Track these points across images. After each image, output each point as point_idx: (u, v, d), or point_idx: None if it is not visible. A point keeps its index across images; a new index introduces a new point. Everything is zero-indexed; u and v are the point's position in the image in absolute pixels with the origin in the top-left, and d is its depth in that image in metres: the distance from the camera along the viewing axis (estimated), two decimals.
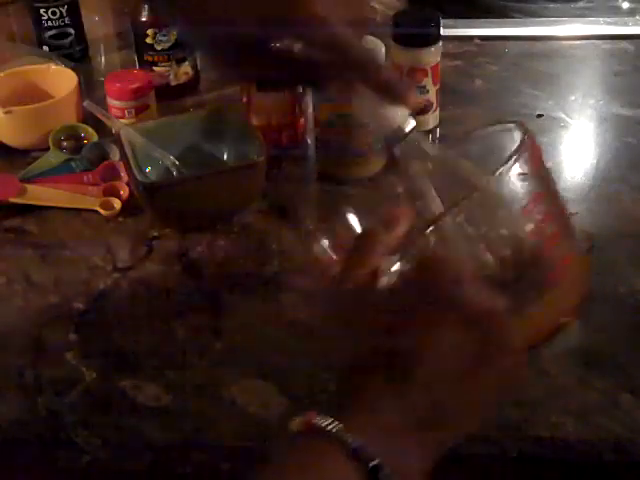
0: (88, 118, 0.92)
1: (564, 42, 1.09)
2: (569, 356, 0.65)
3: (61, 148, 0.89)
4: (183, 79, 1.01)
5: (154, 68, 0.99)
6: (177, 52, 0.98)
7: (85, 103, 0.89)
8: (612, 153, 0.90)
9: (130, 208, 0.81)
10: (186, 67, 1.00)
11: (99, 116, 0.87)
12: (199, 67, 1.02)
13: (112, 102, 0.90)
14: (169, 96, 1.01)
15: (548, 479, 0.60)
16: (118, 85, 0.91)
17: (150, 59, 0.98)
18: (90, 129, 0.90)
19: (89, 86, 1.09)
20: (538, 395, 0.62)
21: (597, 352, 0.65)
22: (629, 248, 0.76)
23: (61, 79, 0.95)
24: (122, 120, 0.89)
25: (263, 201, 0.82)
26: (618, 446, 0.58)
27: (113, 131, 0.85)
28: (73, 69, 0.97)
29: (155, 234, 0.79)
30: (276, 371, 0.64)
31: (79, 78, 0.94)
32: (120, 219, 0.81)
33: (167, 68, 0.99)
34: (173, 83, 1.00)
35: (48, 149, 0.88)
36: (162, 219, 0.79)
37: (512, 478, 0.60)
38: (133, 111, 0.90)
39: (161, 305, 0.71)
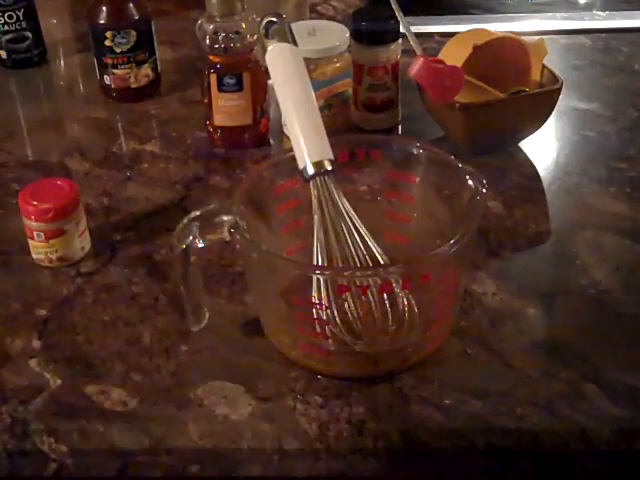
0: None
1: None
2: (533, 348, 0.66)
3: None
4: (144, 81, 1.00)
5: (114, 71, 0.98)
6: (137, 54, 0.98)
7: None
8: (571, 146, 0.91)
9: (93, 212, 0.81)
10: (146, 69, 0.99)
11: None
12: (159, 69, 1.01)
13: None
14: (130, 98, 1.00)
15: (516, 471, 0.60)
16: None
17: (109, 61, 0.98)
18: None
19: (48, 90, 1.09)
20: (503, 387, 0.62)
21: (561, 343, 0.66)
22: (590, 240, 0.77)
23: None
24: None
25: None
26: (583, 436, 0.59)
27: None
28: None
29: (118, 238, 0.78)
30: (243, 372, 0.64)
31: (38, 82, 0.93)
32: None
33: (127, 70, 0.98)
34: (133, 85, 0.99)
35: None
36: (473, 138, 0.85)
37: (481, 471, 0.60)
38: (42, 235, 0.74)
39: (126, 309, 0.70)
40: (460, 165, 0.65)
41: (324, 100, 0.87)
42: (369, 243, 0.64)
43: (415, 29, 0.85)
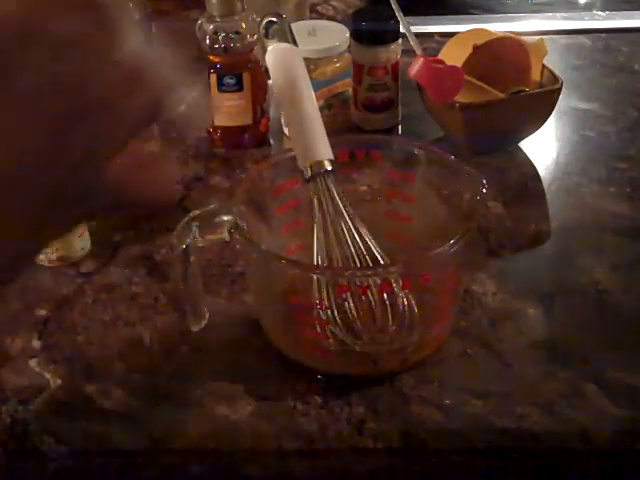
0: None
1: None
2: (533, 348, 0.66)
3: None
4: None
5: None
6: None
7: None
8: (571, 147, 0.91)
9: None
10: None
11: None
12: None
13: None
14: None
15: (516, 471, 0.60)
16: None
17: None
18: None
19: None
20: (504, 387, 0.62)
21: (561, 343, 0.66)
22: (590, 239, 0.77)
23: None
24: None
25: None
26: (583, 436, 0.59)
27: None
28: None
29: (118, 238, 0.78)
30: (243, 372, 0.64)
31: None
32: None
33: None
34: None
35: None
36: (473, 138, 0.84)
37: (481, 471, 0.60)
38: None
39: (126, 309, 0.70)
40: (460, 165, 0.65)
41: (324, 100, 0.87)
42: (369, 243, 0.64)
43: (415, 29, 0.85)
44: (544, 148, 0.90)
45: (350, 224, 0.63)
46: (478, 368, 0.64)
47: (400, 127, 0.93)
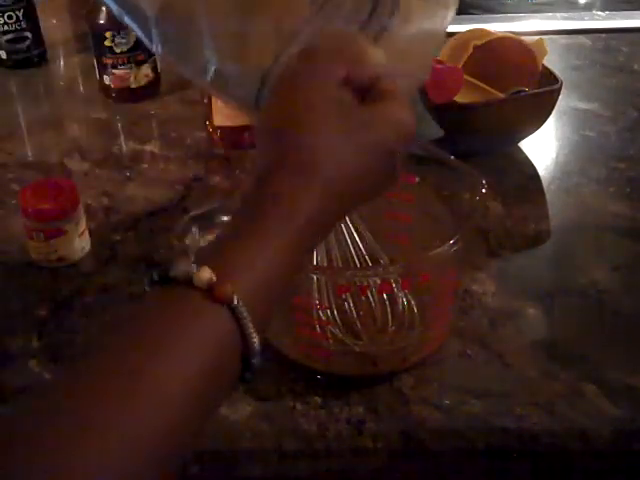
0: None
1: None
2: (533, 348, 0.66)
3: None
4: (143, 81, 1.00)
5: (113, 71, 0.98)
6: (136, 54, 0.98)
7: None
8: (571, 146, 0.91)
9: (93, 212, 0.81)
10: (146, 69, 0.99)
11: None
12: (159, 69, 1.01)
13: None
14: (130, 98, 1.00)
15: (515, 470, 0.60)
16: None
17: (109, 62, 0.98)
18: None
19: (48, 90, 1.09)
20: (503, 387, 0.62)
21: (561, 343, 0.66)
22: (589, 239, 0.77)
23: None
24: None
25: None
26: (583, 436, 0.59)
27: None
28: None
29: (118, 238, 0.78)
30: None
31: (38, 82, 0.93)
32: None
33: (127, 70, 0.98)
34: (133, 85, 1.00)
35: None
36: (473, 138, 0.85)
37: (481, 471, 0.60)
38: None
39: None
40: (460, 165, 0.65)
41: None
42: (369, 243, 0.64)
43: None
44: (544, 148, 0.90)
45: (350, 224, 0.63)
46: (478, 368, 0.64)
47: None
